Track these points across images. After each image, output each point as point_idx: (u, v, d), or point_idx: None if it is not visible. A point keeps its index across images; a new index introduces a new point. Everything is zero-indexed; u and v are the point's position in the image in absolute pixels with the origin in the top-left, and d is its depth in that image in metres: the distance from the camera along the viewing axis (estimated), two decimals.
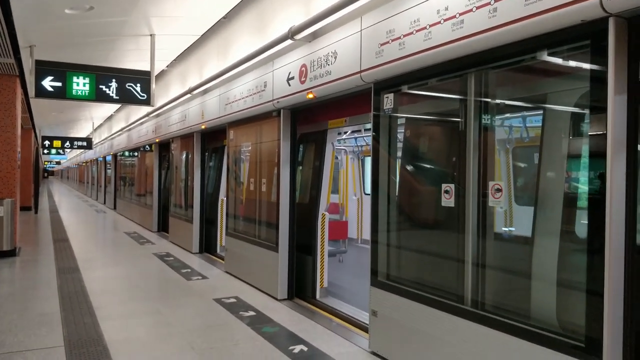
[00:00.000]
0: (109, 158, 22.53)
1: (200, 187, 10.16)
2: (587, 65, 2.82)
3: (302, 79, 5.65)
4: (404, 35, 3.98)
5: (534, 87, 3.51)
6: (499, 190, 3.38)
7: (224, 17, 7.06)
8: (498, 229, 4.78)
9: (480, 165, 3.54)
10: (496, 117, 3.67)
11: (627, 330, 2.68)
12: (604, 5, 2.58)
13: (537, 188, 3.45)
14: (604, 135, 2.65)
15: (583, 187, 3.01)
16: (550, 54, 3.05)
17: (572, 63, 3.00)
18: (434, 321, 3.80)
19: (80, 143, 22.49)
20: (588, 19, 2.70)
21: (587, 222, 2.79)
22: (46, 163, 56.04)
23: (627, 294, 2.68)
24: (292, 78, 5.87)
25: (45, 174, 59.33)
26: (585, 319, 2.77)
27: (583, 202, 2.96)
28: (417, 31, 3.84)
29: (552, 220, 3.28)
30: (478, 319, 3.42)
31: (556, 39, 2.92)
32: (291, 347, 4.59)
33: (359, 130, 9.73)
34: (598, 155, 2.71)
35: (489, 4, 3.21)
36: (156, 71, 8.90)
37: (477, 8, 3.30)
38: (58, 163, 59.97)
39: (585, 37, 2.76)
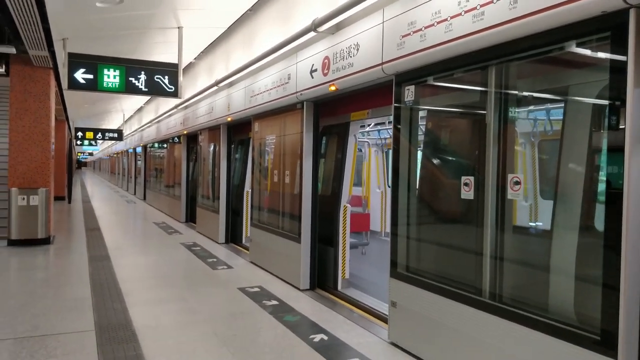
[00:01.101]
0: (139, 149, 22.96)
1: (227, 179, 10.30)
2: (607, 57, 2.78)
3: (325, 71, 5.68)
4: (425, 27, 3.97)
5: (554, 80, 3.47)
6: (517, 183, 3.37)
7: (249, 9, 7.13)
8: (523, 222, 4.74)
9: (501, 158, 3.53)
10: (517, 110, 3.65)
11: None
12: None
13: (557, 182, 3.42)
14: (622, 129, 2.63)
15: (601, 181, 2.98)
16: (570, 47, 3.01)
17: (592, 55, 2.96)
18: (453, 313, 3.82)
19: (111, 134, 22.96)
20: (609, 10, 2.66)
21: (604, 216, 2.77)
22: (79, 154, 57.45)
23: None
24: (315, 70, 5.91)
25: (78, 165, 60.77)
26: (601, 312, 2.76)
27: (602, 196, 2.93)
28: (438, 23, 3.84)
29: (571, 214, 3.26)
30: (496, 311, 3.43)
31: (576, 31, 2.88)
32: (312, 336, 4.68)
33: (383, 123, 9.71)
34: (616, 149, 2.69)
35: None
36: (184, 63, 9.04)
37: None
38: (90, 154, 61.46)
39: (605, 29, 2.72)
